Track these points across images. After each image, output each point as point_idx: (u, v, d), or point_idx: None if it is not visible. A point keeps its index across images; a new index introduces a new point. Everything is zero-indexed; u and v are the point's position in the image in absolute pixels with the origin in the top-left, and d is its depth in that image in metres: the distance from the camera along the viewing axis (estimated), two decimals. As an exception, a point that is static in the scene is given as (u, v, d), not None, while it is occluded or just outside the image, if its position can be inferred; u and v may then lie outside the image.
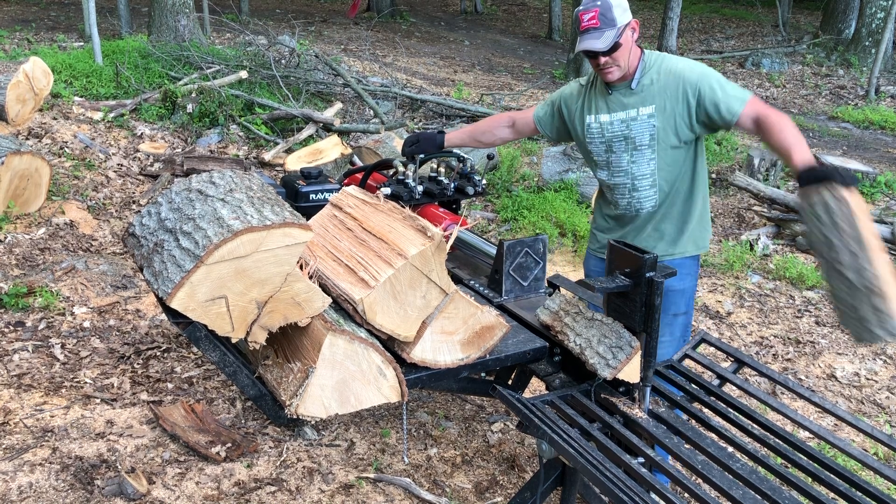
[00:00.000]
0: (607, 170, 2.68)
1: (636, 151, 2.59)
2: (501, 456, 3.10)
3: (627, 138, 2.59)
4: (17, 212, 4.76)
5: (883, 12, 11.97)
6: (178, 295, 1.56)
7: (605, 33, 2.39)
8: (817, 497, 1.80)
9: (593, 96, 2.65)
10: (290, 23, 12.23)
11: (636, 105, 2.55)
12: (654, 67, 2.54)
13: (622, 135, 2.60)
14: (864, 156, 8.18)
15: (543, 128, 2.85)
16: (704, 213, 2.70)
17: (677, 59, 2.56)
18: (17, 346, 3.55)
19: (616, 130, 2.60)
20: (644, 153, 2.58)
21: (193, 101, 6.78)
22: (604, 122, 2.62)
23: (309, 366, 1.69)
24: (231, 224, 1.61)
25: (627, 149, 2.60)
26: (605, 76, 2.52)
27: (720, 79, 2.48)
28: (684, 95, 2.48)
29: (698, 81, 2.46)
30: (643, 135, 2.56)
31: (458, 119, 7.97)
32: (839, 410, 2.20)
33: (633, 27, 2.47)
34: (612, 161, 2.65)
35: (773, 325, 4.43)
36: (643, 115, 2.55)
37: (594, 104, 2.64)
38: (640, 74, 2.53)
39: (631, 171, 2.62)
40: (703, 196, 2.68)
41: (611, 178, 2.68)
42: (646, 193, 2.63)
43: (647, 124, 2.54)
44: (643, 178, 2.61)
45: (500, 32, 16.17)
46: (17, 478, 2.70)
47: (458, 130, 3.00)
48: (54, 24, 11.57)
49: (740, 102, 2.41)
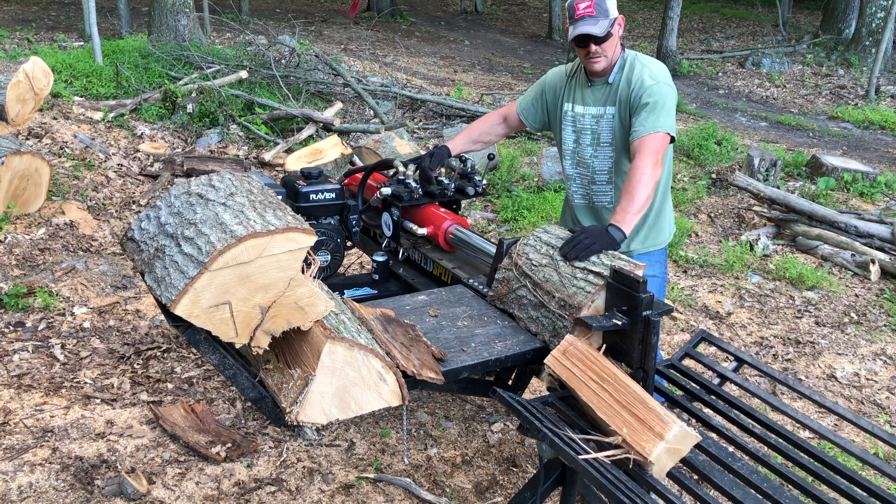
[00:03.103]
0: (571, 159, 2.82)
1: (599, 147, 2.73)
2: (501, 456, 3.10)
3: (594, 133, 2.72)
4: (17, 212, 4.76)
5: (883, 12, 11.96)
6: (182, 302, 1.56)
7: (601, 21, 2.50)
8: (819, 496, 1.81)
9: (574, 86, 2.78)
10: (290, 22, 12.22)
11: (606, 103, 2.67)
12: (626, 68, 2.64)
13: (590, 129, 2.73)
14: (864, 156, 8.18)
15: (528, 118, 2.96)
16: (662, 211, 2.81)
17: (645, 67, 2.64)
18: (17, 346, 3.55)
19: (586, 123, 2.73)
20: (605, 150, 2.72)
21: (193, 101, 6.78)
22: (577, 113, 2.75)
23: (308, 373, 1.69)
24: (234, 229, 1.61)
25: (592, 143, 2.74)
26: (592, 65, 2.61)
27: (662, 99, 2.54)
28: (630, 103, 2.60)
29: (641, 95, 2.56)
30: (607, 132, 2.70)
31: (457, 119, 7.96)
32: (839, 408, 2.20)
33: (619, 23, 2.59)
34: (577, 152, 2.79)
35: (773, 326, 4.43)
36: (609, 114, 2.67)
37: (574, 94, 2.77)
38: (616, 70, 2.65)
39: (592, 165, 2.76)
40: (663, 193, 2.78)
41: (574, 167, 2.83)
42: (602, 188, 2.78)
43: (611, 124, 2.67)
44: (601, 173, 2.76)
45: (500, 32, 16.16)
46: (17, 478, 2.71)
47: (456, 139, 3.04)
48: (54, 24, 11.56)
49: (648, 129, 2.49)
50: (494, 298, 2.36)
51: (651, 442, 1.66)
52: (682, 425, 1.70)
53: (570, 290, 2.06)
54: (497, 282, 2.35)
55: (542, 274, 2.17)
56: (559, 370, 1.94)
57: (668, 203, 2.86)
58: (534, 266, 2.21)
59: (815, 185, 6.62)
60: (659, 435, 1.67)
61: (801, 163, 7.17)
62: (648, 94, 2.54)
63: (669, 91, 2.58)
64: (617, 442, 1.73)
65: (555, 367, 1.96)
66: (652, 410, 1.73)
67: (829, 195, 6.40)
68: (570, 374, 1.91)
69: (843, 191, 6.63)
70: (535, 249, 2.27)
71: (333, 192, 2.96)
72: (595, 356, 1.93)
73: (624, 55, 2.66)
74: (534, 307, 2.20)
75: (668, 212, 2.86)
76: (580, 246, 2.17)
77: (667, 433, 1.67)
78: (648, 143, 2.47)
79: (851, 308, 4.66)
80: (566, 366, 1.94)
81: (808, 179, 6.88)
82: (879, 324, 4.49)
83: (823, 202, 6.16)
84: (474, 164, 3.12)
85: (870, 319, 4.54)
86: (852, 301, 4.75)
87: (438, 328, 2.22)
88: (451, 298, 2.45)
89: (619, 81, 2.63)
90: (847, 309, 4.65)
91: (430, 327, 2.21)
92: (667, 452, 1.67)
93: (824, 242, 5.41)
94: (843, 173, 6.72)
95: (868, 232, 5.33)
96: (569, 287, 2.07)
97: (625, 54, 2.66)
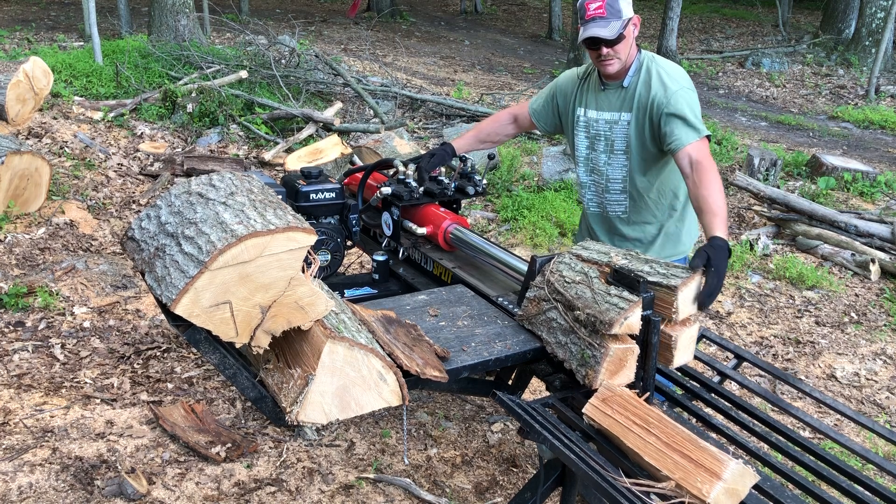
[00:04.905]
0: (585, 166, 2.72)
1: (613, 154, 2.61)
2: (501, 456, 3.10)
3: (608, 139, 2.61)
4: (17, 211, 4.76)
5: (883, 12, 11.96)
6: (183, 301, 1.56)
7: (612, 23, 2.38)
8: (820, 495, 1.81)
9: (587, 89, 2.66)
10: (290, 22, 12.22)
11: (620, 109, 2.56)
12: (642, 71, 2.52)
13: (604, 135, 2.62)
14: (864, 155, 8.18)
15: (539, 121, 2.87)
16: (683, 220, 2.71)
17: (663, 70, 2.52)
18: (17, 346, 3.55)
19: (600, 129, 2.62)
20: (619, 158, 2.60)
21: (193, 101, 6.78)
22: (591, 118, 2.64)
23: (309, 373, 1.69)
24: (235, 229, 1.61)
25: (606, 150, 2.62)
26: (605, 68, 2.50)
27: (689, 105, 2.43)
28: (650, 112, 2.48)
29: (665, 104, 2.44)
30: (620, 140, 2.57)
31: (457, 119, 7.96)
32: (839, 405, 2.20)
33: (634, 23, 2.47)
34: (591, 158, 2.69)
35: (773, 325, 4.43)
36: (623, 121, 2.55)
37: (586, 98, 2.66)
38: (632, 73, 2.53)
39: (606, 173, 2.65)
40: (684, 204, 2.69)
41: (587, 174, 2.72)
42: (616, 197, 2.67)
43: (625, 131, 2.55)
44: (615, 181, 2.64)
45: (500, 32, 16.16)
46: (17, 478, 2.70)
47: (463, 137, 3.00)
48: (54, 24, 11.56)
49: (689, 137, 2.37)
50: (523, 318, 2.25)
51: (707, 483, 1.57)
52: (738, 463, 1.60)
53: (602, 306, 1.97)
54: (527, 300, 2.25)
55: (575, 291, 2.07)
56: (599, 418, 1.86)
57: (690, 213, 2.71)
58: (566, 283, 2.12)
59: (815, 184, 6.62)
60: (715, 474, 1.57)
61: (801, 162, 7.17)
62: (675, 102, 2.41)
63: (693, 96, 2.47)
64: (670, 487, 1.63)
65: (594, 415, 1.87)
66: (704, 449, 1.64)
67: (829, 195, 6.40)
68: (612, 422, 1.83)
69: (843, 190, 6.63)
70: (570, 267, 2.17)
71: (333, 192, 2.96)
72: (636, 400, 1.86)
73: (640, 57, 2.54)
74: (563, 332, 2.09)
75: (689, 221, 2.74)
76: (718, 289, 2.03)
77: (723, 472, 1.57)
78: (696, 152, 2.35)
79: (851, 308, 4.66)
80: (607, 413, 1.85)
81: (808, 179, 6.88)
82: (879, 323, 4.49)
83: (823, 202, 6.16)
84: (474, 163, 3.12)
85: (870, 319, 4.54)
86: (852, 301, 4.75)
87: (438, 328, 2.22)
88: (451, 298, 2.45)
89: (635, 85, 2.52)
90: (847, 308, 4.65)
91: (430, 327, 2.21)
92: (725, 493, 1.57)
93: (824, 242, 5.41)
94: (843, 173, 6.72)
95: (868, 231, 5.33)
96: (601, 304, 1.98)
97: (640, 56, 2.54)
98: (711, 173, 2.30)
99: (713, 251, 2.04)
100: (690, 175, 2.33)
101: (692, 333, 2.08)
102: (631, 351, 1.96)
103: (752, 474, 1.60)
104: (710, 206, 2.23)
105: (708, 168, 2.31)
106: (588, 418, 1.88)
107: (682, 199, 2.67)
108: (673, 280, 1.97)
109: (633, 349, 1.96)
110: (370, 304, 2.35)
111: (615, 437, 1.80)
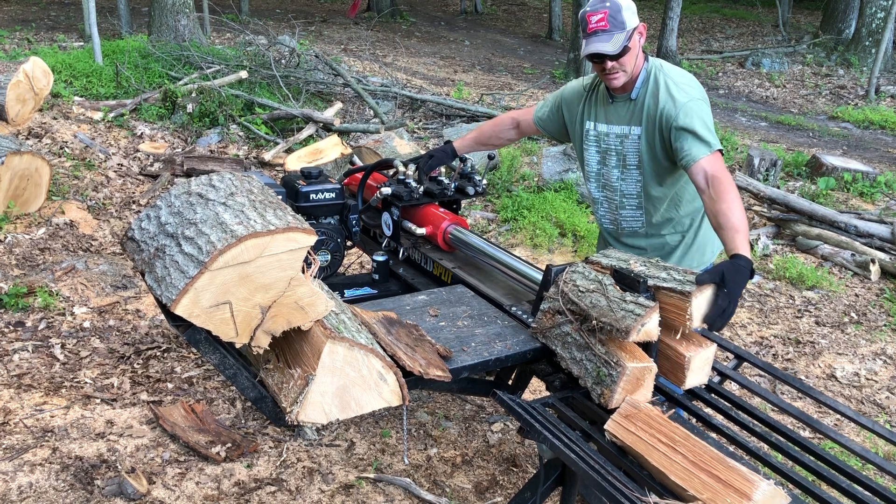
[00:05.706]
0: (596, 182, 2.63)
1: (626, 169, 2.52)
2: (501, 456, 3.10)
3: (619, 154, 2.52)
4: (17, 212, 4.76)
5: (883, 12, 11.97)
6: (183, 301, 1.56)
7: (615, 36, 2.28)
8: (820, 495, 1.81)
9: (595, 102, 2.57)
10: (290, 23, 12.22)
11: (630, 122, 2.46)
12: (650, 82, 2.42)
13: (615, 149, 2.53)
14: (864, 155, 8.18)
15: (545, 128, 2.80)
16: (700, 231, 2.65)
17: (671, 80, 2.41)
18: (17, 346, 3.55)
19: (611, 143, 2.53)
20: (632, 172, 2.52)
21: (193, 101, 6.78)
22: (601, 133, 2.55)
23: (309, 373, 1.69)
24: (235, 229, 1.61)
25: (618, 164, 2.54)
26: (611, 82, 2.40)
27: (700, 117, 2.32)
28: (659, 125, 2.39)
29: (675, 118, 2.33)
30: (632, 154, 2.49)
31: (457, 119, 7.96)
32: (839, 405, 2.20)
33: (640, 32, 2.36)
34: (602, 174, 2.59)
35: (773, 326, 4.43)
36: (633, 135, 2.46)
37: (595, 111, 2.56)
38: (640, 84, 2.43)
39: (620, 189, 2.56)
40: (703, 216, 2.61)
41: (599, 190, 2.63)
42: (632, 213, 2.59)
43: (636, 145, 2.47)
44: (630, 197, 2.56)
45: (500, 32, 16.16)
46: (17, 478, 2.70)
47: (464, 138, 2.97)
48: (54, 24, 11.56)
49: (701, 152, 2.27)
50: (537, 331, 2.20)
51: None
52: (770, 483, 1.54)
53: (618, 314, 1.90)
54: (541, 312, 2.19)
55: (589, 300, 2.01)
56: (623, 435, 1.80)
57: (707, 226, 2.61)
58: (581, 293, 2.05)
59: (815, 184, 6.62)
60: (745, 495, 1.52)
61: (801, 162, 7.17)
62: (685, 115, 2.31)
63: (704, 107, 2.36)
64: None
65: (617, 432, 1.82)
66: (733, 469, 1.59)
67: (829, 195, 6.40)
68: (636, 439, 1.76)
69: (843, 190, 6.63)
70: (584, 276, 2.12)
71: (333, 192, 2.96)
72: (661, 417, 1.80)
73: (647, 66, 2.43)
74: (578, 348, 2.03)
75: (704, 232, 2.65)
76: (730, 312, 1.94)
77: (754, 493, 1.52)
78: (710, 167, 2.25)
79: (851, 308, 4.66)
80: (631, 430, 1.79)
81: (808, 179, 6.88)
82: (879, 323, 4.49)
83: (823, 202, 6.16)
84: (474, 164, 3.12)
85: (870, 319, 4.54)
86: (852, 301, 4.75)
87: (438, 328, 2.22)
88: (451, 298, 2.45)
89: (643, 97, 2.42)
90: (847, 309, 4.65)
91: (430, 327, 2.21)
92: None
93: (824, 242, 5.41)
94: (843, 173, 6.72)
95: (868, 232, 5.34)
96: (617, 311, 1.91)
97: (648, 65, 2.43)
98: (729, 187, 2.20)
99: (731, 270, 1.94)
100: (707, 190, 2.24)
101: (707, 356, 2.02)
102: (649, 370, 1.90)
103: (784, 496, 1.55)
104: (731, 221, 2.13)
105: (725, 182, 2.21)
106: (610, 435, 1.83)
107: (702, 208, 2.57)
108: (688, 286, 1.90)
109: (651, 368, 1.91)
110: (370, 304, 2.35)
111: (639, 455, 1.74)
